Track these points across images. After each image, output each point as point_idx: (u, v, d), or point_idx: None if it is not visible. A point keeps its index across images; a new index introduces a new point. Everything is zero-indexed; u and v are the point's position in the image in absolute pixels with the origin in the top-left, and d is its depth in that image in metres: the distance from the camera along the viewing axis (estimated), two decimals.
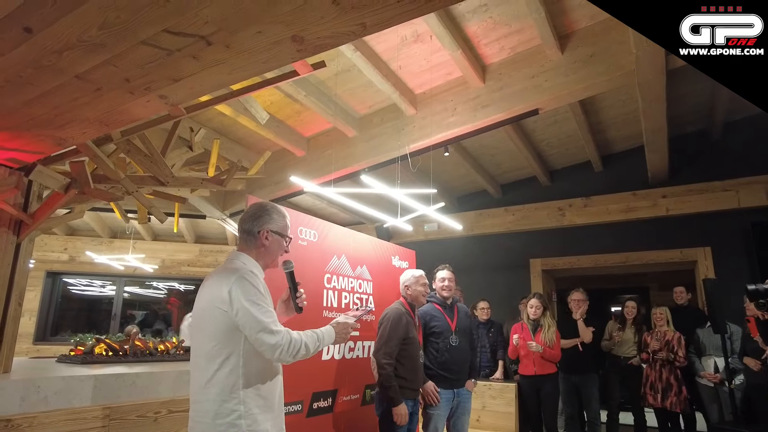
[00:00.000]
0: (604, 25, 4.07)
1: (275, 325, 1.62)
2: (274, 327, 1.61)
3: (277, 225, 1.84)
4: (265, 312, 1.61)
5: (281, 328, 1.64)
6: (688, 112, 5.64)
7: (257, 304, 1.61)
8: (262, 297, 1.64)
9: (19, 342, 7.23)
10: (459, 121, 4.65)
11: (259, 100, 4.77)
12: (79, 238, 8.28)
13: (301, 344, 1.66)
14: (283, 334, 1.62)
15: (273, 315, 1.65)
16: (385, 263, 4.13)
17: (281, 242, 1.85)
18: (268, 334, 1.59)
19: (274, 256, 1.84)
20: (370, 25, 1.52)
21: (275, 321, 1.64)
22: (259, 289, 1.64)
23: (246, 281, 1.63)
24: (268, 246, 1.81)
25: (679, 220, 5.87)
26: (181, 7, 1.48)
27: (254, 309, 1.59)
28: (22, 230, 3.04)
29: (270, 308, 1.65)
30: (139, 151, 3.24)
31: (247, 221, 1.83)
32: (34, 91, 2.05)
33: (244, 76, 1.87)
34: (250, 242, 1.81)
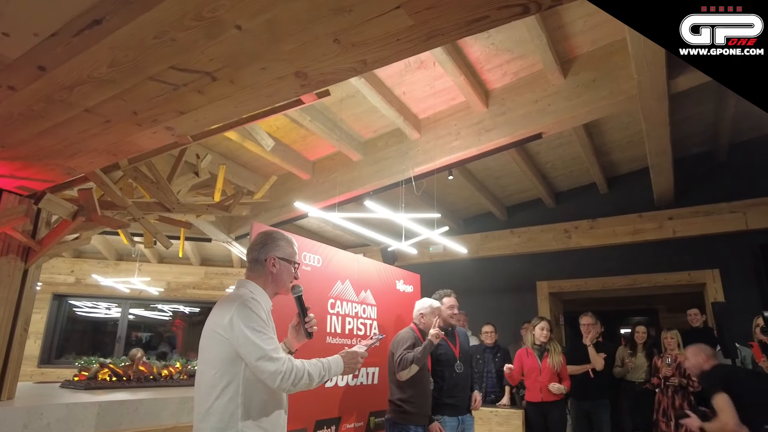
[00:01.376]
0: (606, 50, 4.12)
1: (276, 352, 1.60)
2: (274, 354, 1.59)
3: (284, 252, 1.84)
4: (265, 339, 1.60)
5: (282, 355, 1.62)
6: (692, 134, 5.65)
7: (258, 331, 1.60)
8: (263, 324, 1.63)
9: (24, 365, 7.24)
10: (463, 145, 4.68)
11: (265, 124, 4.83)
12: (86, 261, 8.33)
13: (304, 373, 1.63)
14: (283, 361, 1.59)
15: (274, 343, 1.64)
16: (390, 287, 4.13)
17: (289, 269, 1.85)
18: (267, 361, 1.57)
19: (282, 282, 1.84)
20: (370, 62, 1.56)
21: (276, 348, 1.62)
22: (260, 316, 1.64)
23: (247, 308, 1.63)
24: (275, 273, 1.81)
25: (686, 242, 5.82)
26: (187, 45, 1.52)
27: (254, 336, 1.59)
28: (30, 257, 3.08)
29: (272, 336, 1.65)
30: (145, 177, 3.29)
31: (254, 249, 1.84)
32: (45, 124, 2.10)
33: (249, 109, 1.92)
34: (257, 270, 1.81)
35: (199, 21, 1.40)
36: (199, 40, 1.49)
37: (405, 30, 1.43)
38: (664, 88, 3.85)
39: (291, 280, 1.87)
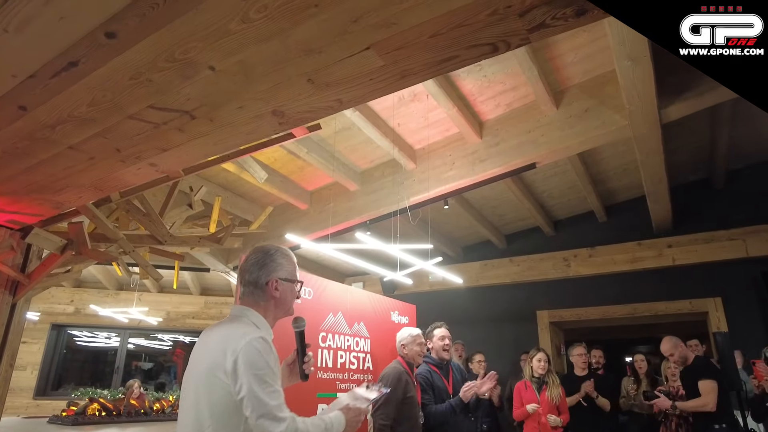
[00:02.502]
0: (597, 81, 4.16)
1: (280, 410, 1.37)
2: (279, 413, 1.36)
3: (286, 271, 1.60)
4: (272, 393, 1.37)
5: (287, 414, 1.38)
6: (688, 162, 5.65)
7: (265, 381, 1.36)
8: (271, 373, 1.39)
9: (20, 397, 7.15)
10: (458, 175, 4.69)
11: (263, 156, 4.88)
12: (86, 290, 8.32)
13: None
14: (288, 422, 1.36)
15: (280, 397, 1.40)
16: (384, 319, 4.07)
17: (293, 288, 1.61)
18: (270, 420, 1.34)
19: (287, 306, 1.61)
20: (345, 101, 1.57)
21: (281, 405, 1.38)
22: (269, 363, 1.40)
23: (255, 350, 1.38)
24: (279, 297, 1.56)
25: (686, 270, 5.75)
26: (163, 86, 1.54)
27: (260, 387, 1.35)
28: (19, 290, 3.07)
29: (278, 387, 1.41)
30: (138, 210, 3.31)
31: (250, 271, 1.58)
32: (30, 161, 2.12)
33: (230, 146, 1.93)
34: (257, 295, 1.56)
35: (173, 62, 1.42)
36: (175, 81, 1.51)
37: (376, 70, 1.44)
38: (656, 117, 3.86)
39: (294, 302, 1.63)
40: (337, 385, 3.41)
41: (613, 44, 3.17)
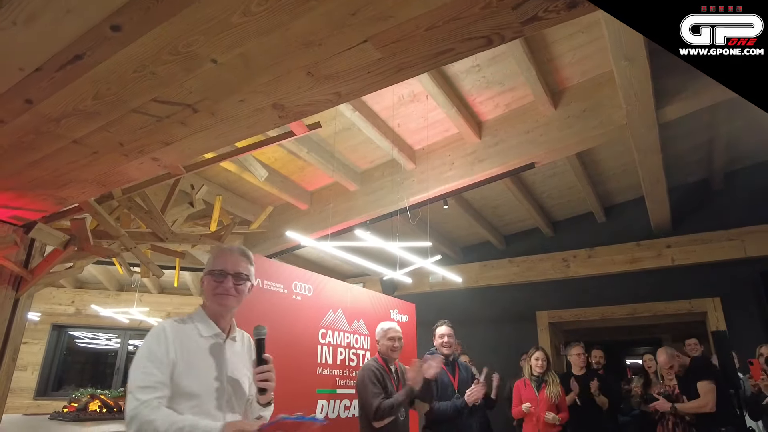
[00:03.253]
0: (595, 81, 4.19)
1: (141, 391, 1.39)
2: (137, 393, 1.39)
3: (207, 266, 1.69)
4: (141, 372, 1.42)
5: (146, 396, 1.38)
6: (687, 163, 5.68)
7: (140, 360, 1.44)
8: (151, 354, 1.45)
9: (20, 397, 7.18)
10: (457, 175, 4.72)
11: (264, 156, 4.92)
12: (87, 291, 8.35)
13: (150, 427, 1.35)
14: (137, 404, 1.37)
15: (150, 379, 1.41)
16: (384, 317, 4.10)
17: (210, 280, 1.64)
18: (129, 397, 1.40)
19: (209, 296, 1.64)
20: (344, 93, 1.61)
21: (147, 387, 1.39)
22: (151, 346, 1.46)
23: (148, 335, 1.51)
24: (204, 291, 1.67)
25: (685, 271, 5.77)
26: (167, 79, 1.58)
27: (134, 365, 1.45)
28: (22, 286, 3.10)
29: (155, 369, 1.42)
30: (140, 208, 3.34)
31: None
32: (35, 155, 2.16)
33: (231, 140, 1.96)
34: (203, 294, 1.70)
35: (176, 55, 1.46)
36: (178, 74, 1.55)
37: (374, 63, 1.48)
38: (653, 117, 3.89)
39: (218, 292, 1.61)
40: (337, 382, 3.44)
41: (609, 44, 3.21)
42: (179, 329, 1.54)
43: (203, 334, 1.58)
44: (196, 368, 1.51)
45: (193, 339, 1.54)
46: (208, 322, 1.61)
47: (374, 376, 2.98)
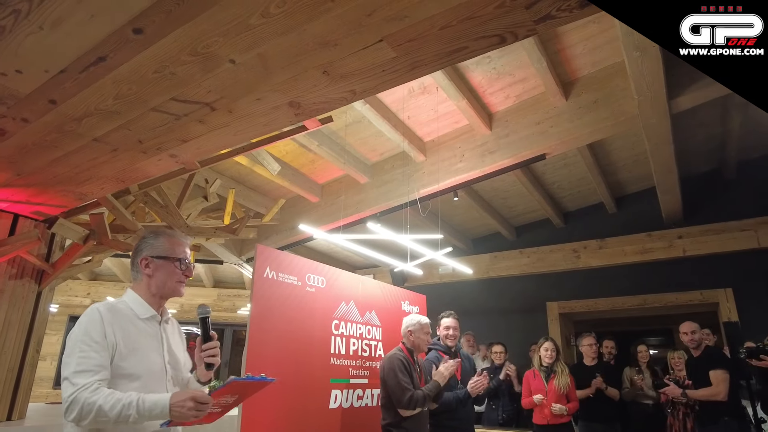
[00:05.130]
0: (606, 72, 4.17)
1: (79, 375, 1.34)
2: (74, 378, 1.34)
3: (157, 249, 1.60)
4: (77, 357, 1.36)
5: (84, 380, 1.34)
6: (699, 153, 5.63)
7: (76, 345, 1.38)
8: (87, 338, 1.39)
9: (39, 386, 7.35)
10: (467, 167, 4.74)
11: (275, 149, 4.96)
12: (102, 283, 8.50)
13: (93, 408, 1.31)
14: (78, 389, 1.32)
15: (88, 363, 1.36)
16: (395, 308, 4.15)
17: (167, 266, 1.60)
18: (65, 383, 1.34)
19: (161, 283, 1.60)
20: (359, 91, 1.64)
21: (83, 371, 1.35)
22: (89, 330, 1.40)
23: (82, 319, 1.44)
24: (150, 274, 1.59)
25: (697, 261, 5.75)
26: (186, 78, 1.62)
27: (69, 350, 1.38)
28: (44, 279, 3.19)
29: (93, 353, 1.38)
30: (155, 202, 3.40)
31: (131, 255, 1.65)
32: (57, 153, 2.22)
33: (248, 137, 2.00)
34: (135, 276, 1.62)
35: (195, 56, 1.50)
36: (196, 74, 1.59)
37: (389, 61, 1.50)
38: (665, 107, 3.87)
39: (177, 279, 1.62)
40: (350, 372, 3.50)
41: (621, 35, 3.19)
42: (115, 312, 1.50)
43: (141, 316, 1.55)
44: (137, 350, 1.49)
45: (131, 321, 1.52)
46: (144, 305, 1.58)
47: (402, 366, 3.04)
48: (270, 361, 2.83)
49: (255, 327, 2.83)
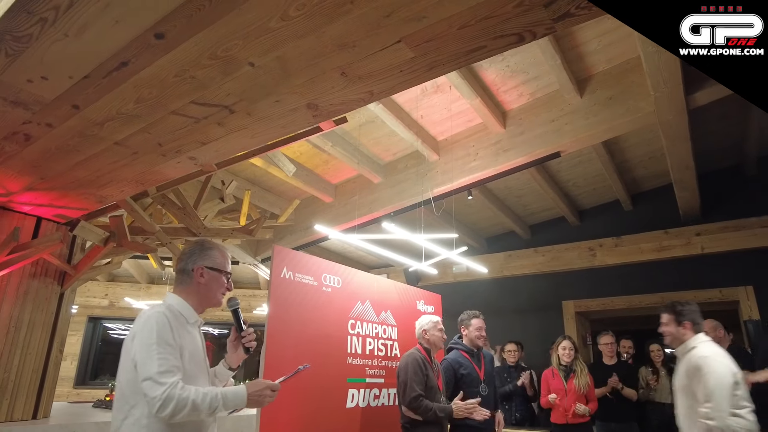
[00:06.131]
0: (621, 68, 4.13)
1: (164, 376, 1.44)
2: (160, 378, 1.43)
3: (213, 261, 1.72)
4: (158, 359, 1.45)
5: (169, 380, 1.44)
6: (718, 148, 5.54)
7: (152, 347, 1.46)
8: (161, 342, 1.48)
9: (61, 385, 7.49)
10: (481, 166, 4.72)
11: (289, 150, 4.99)
12: (119, 284, 8.62)
13: (187, 403, 1.44)
14: (167, 387, 1.42)
15: (168, 363, 1.47)
16: (410, 308, 4.15)
17: (219, 279, 1.72)
18: (151, 383, 1.42)
19: (212, 293, 1.72)
20: (376, 92, 1.64)
21: (166, 372, 1.45)
22: (161, 333, 1.50)
23: (152, 323, 1.51)
24: (204, 283, 1.69)
25: (716, 259, 5.66)
26: (205, 82, 1.64)
27: (147, 353, 1.46)
28: (66, 280, 3.25)
29: (168, 355, 1.48)
30: (173, 204, 3.45)
31: (182, 260, 1.72)
32: (79, 157, 2.26)
33: (266, 139, 2.02)
34: (184, 281, 1.70)
35: (215, 60, 1.52)
36: (216, 77, 1.61)
37: (407, 62, 1.51)
38: (683, 103, 3.82)
39: (222, 291, 1.74)
40: (366, 371, 3.51)
41: None
42: (174, 317, 1.59)
43: (189, 320, 1.66)
44: (192, 352, 1.60)
45: (183, 326, 1.61)
46: (190, 311, 1.68)
47: (419, 365, 3.07)
48: (287, 360, 2.86)
49: (273, 327, 2.85)
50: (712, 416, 2.26)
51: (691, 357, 2.48)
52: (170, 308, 1.62)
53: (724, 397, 2.28)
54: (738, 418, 2.29)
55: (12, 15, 1.37)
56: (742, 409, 2.32)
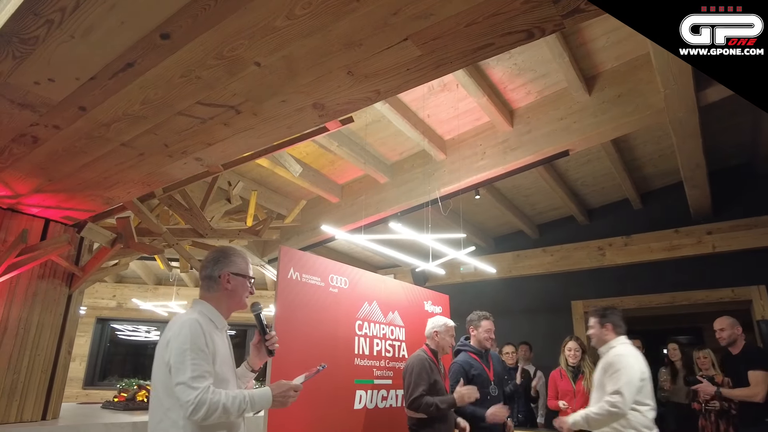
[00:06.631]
0: (630, 65, 4.08)
1: (196, 381, 1.51)
2: (192, 383, 1.51)
3: (238, 267, 1.80)
4: (191, 365, 1.52)
5: (201, 384, 1.52)
6: (729, 145, 5.47)
7: (186, 353, 1.54)
8: (195, 348, 1.55)
9: (70, 386, 7.55)
10: (489, 165, 4.69)
11: (295, 151, 4.98)
12: (127, 286, 8.67)
13: (218, 407, 1.52)
14: (200, 391, 1.50)
15: (201, 369, 1.54)
16: (418, 308, 4.13)
17: (244, 283, 1.81)
18: (185, 388, 1.50)
19: (239, 298, 1.80)
20: (383, 91, 1.63)
21: (199, 377, 1.52)
22: (195, 340, 1.57)
23: (186, 330, 1.58)
24: (231, 289, 1.77)
25: (727, 258, 5.59)
26: (211, 82, 1.63)
27: (181, 359, 1.53)
28: (74, 282, 3.26)
29: (201, 361, 1.56)
30: (179, 205, 3.45)
31: (207, 267, 1.79)
32: (86, 158, 2.26)
33: (272, 139, 2.01)
34: (212, 288, 1.77)
35: (221, 60, 1.51)
36: (222, 77, 1.60)
37: (414, 60, 1.49)
38: (693, 100, 3.77)
39: (247, 295, 1.83)
40: (374, 372, 3.50)
41: None
42: (206, 323, 1.66)
43: (218, 327, 1.73)
44: (223, 356, 1.68)
45: (213, 332, 1.68)
46: (219, 317, 1.77)
47: (425, 366, 3.07)
48: (295, 361, 2.85)
49: (280, 327, 2.85)
50: (618, 405, 2.54)
51: (609, 355, 2.80)
52: (202, 314, 1.69)
53: (631, 392, 2.57)
54: (637, 413, 2.59)
55: (19, 17, 1.36)
56: (643, 406, 2.62)
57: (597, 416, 2.63)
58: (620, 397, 2.55)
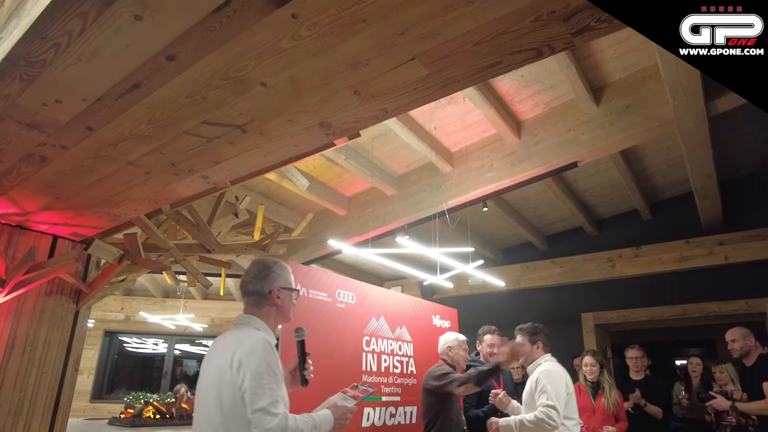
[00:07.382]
0: (638, 76, 4.06)
1: (274, 406, 1.49)
2: (272, 408, 1.48)
3: (285, 281, 1.76)
4: (268, 389, 1.50)
5: (280, 410, 1.50)
6: (740, 155, 5.41)
7: (262, 378, 1.50)
8: (269, 372, 1.53)
9: (77, 399, 7.52)
10: (496, 177, 4.66)
11: (302, 164, 4.98)
12: (135, 298, 8.68)
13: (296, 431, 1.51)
14: (280, 418, 1.47)
15: (276, 394, 1.52)
16: (426, 323, 4.09)
17: (291, 297, 1.78)
18: (264, 414, 1.46)
19: (286, 312, 1.77)
20: (390, 110, 1.61)
21: (276, 402, 1.50)
22: (268, 362, 1.54)
23: (257, 350, 1.54)
24: (280, 304, 1.73)
25: (740, 269, 5.50)
26: (217, 102, 1.62)
27: (258, 383, 1.49)
28: (81, 298, 3.26)
29: (275, 385, 1.53)
30: (186, 220, 3.44)
31: (253, 282, 1.73)
32: (93, 177, 2.26)
33: (279, 158, 2.00)
34: (261, 304, 1.72)
35: (226, 80, 1.50)
36: (228, 97, 1.59)
37: (421, 79, 1.47)
38: (703, 110, 3.73)
39: (292, 308, 1.80)
40: (382, 389, 3.45)
41: None
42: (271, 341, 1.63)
43: (272, 343, 1.65)
44: (282, 375, 1.63)
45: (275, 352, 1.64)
46: (272, 334, 1.72)
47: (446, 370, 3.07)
48: None
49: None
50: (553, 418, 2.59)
51: (536, 372, 2.83)
52: (268, 333, 1.66)
53: (561, 407, 2.64)
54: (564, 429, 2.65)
55: (26, 41, 1.37)
56: (570, 420, 2.70)
57: (531, 424, 2.65)
58: (555, 411, 2.60)
